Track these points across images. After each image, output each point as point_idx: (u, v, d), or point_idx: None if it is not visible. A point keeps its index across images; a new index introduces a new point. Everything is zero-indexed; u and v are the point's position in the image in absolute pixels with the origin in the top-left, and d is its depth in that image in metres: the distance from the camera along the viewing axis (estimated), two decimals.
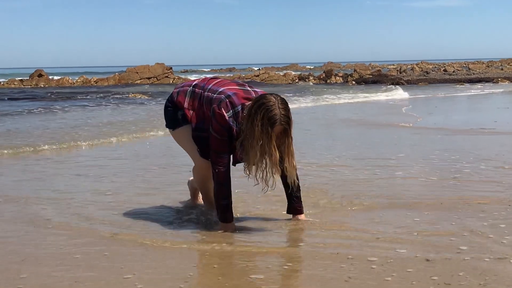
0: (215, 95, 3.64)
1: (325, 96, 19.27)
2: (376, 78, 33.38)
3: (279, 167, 3.48)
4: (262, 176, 3.49)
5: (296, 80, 37.05)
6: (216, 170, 3.59)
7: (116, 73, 36.93)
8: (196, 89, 3.81)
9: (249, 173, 3.54)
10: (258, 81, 35.67)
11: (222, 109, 3.51)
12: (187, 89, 3.86)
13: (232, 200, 3.69)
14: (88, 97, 20.85)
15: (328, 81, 34.63)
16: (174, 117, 3.90)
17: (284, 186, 3.80)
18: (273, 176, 3.52)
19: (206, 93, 3.73)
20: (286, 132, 3.40)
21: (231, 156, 3.70)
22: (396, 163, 5.98)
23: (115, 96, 20.96)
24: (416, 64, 49.55)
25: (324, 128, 10.11)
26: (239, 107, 3.53)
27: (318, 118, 11.97)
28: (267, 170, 3.48)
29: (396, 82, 30.32)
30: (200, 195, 4.41)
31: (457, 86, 26.65)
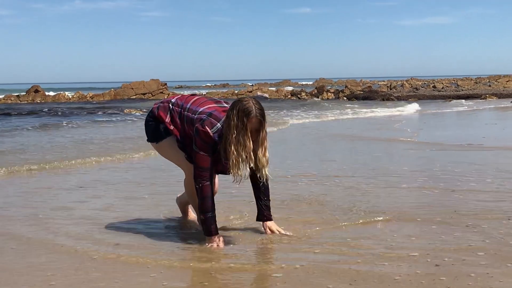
0: (195, 115, 3.70)
1: (330, 111, 19.33)
2: (367, 94, 33.53)
3: (252, 157, 3.57)
4: (238, 169, 3.56)
5: (289, 96, 37.18)
6: (200, 185, 3.64)
7: (112, 89, 36.91)
8: (175, 107, 3.87)
9: (230, 172, 3.60)
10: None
11: (206, 127, 3.57)
12: (167, 106, 3.92)
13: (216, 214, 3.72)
14: (84, 112, 20.82)
15: (320, 97, 34.71)
16: (156, 130, 3.94)
17: (254, 189, 3.89)
18: (247, 168, 3.64)
19: (186, 112, 3.79)
20: (261, 124, 3.52)
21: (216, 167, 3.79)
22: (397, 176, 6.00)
23: (110, 111, 20.94)
24: (406, 81, 49.89)
25: (325, 142, 10.15)
26: (222, 122, 3.59)
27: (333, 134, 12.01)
28: (242, 162, 3.55)
29: (387, 98, 30.51)
30: (190, 211, 4.41)
31: (446, 102, 26.78)
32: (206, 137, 3.56)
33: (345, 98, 32.46)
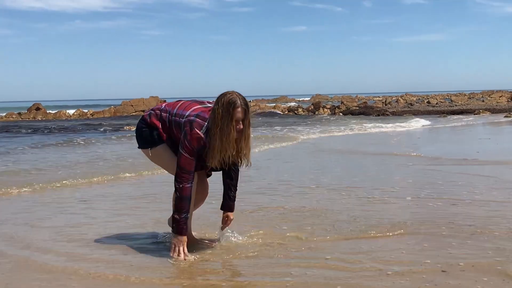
0: (183, 119, 3.76)
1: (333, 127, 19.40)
2: (362, 110, 33.64)
3: (235, 145, 3.67)
4: (220, 158, 3.65)
5: (286, 112, 37.31)
6: (181, 186, 3.69)
7: (112, 106, 37.01)
8: (163, 113, 3.93)
9: (212, 163, 3.68)
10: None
11: (195, 128, 3.65)
12: (158, 113, 3.96)
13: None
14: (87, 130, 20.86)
15: (316, 112, 34.83)
16: (150, 136, 3.95)
17: (226, 180, 3.98)
18: (231, 156, 3.69)
19: (173, 117, 3.86)
20: (245, 114, 3.63)
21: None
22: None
23: (109, 128, 21.01)
24: (401, 96, 50.16)
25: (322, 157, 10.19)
26: (208, 120, 3.68)
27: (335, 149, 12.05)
28: (224, 152, 3.63)
29: (382, 113, 30.63)
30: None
31: (441, 117, 26.89)
32: (195, 140, 3.64)
33: (341, 113, 32.56)
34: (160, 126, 3.90)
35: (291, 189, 6.62)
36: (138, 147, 4.09)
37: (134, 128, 18.48)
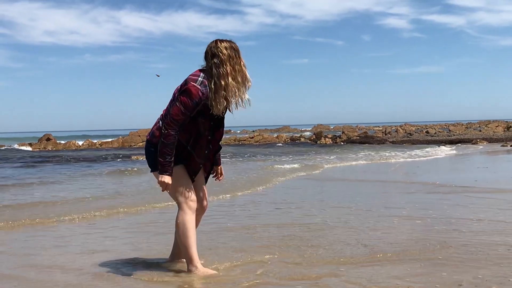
0: (174, 97, 3.80)
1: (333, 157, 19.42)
2: (363, 139, 33.76)
3: (249, 79, 3.83)
4: (243, 94, 3.83)
5: (289, 141, 37.45)
6: (166, 132, 3.70)
7: (120, 137, 37.20)
8: (160, 119, 3.94)
9: (218, 108, 3.74)
10: (253, 143, 36.01)
11: (191, 82, 3.71)
12: (156, 122, 3.95)
13: None
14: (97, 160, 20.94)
15: (318, 142, 34.95)
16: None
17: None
18: (246, 94, 3.86)
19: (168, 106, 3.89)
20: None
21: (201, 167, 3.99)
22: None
23: (120, 159, 21.09)
24: (400, 126, 50.24)
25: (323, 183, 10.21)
26: (201, 76, 3.75)
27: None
28: (242, 88, 3.81)
29: (382, 142, 30.75)
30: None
31: (440, 147, 26.91)
32: (193, 91, 3.67)
33: (342, 143, 32.67)
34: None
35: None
36: (151, 171, 4.01)
37: (141, 158, 18.46)
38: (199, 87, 3.69)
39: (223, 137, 4.61)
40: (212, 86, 3.71)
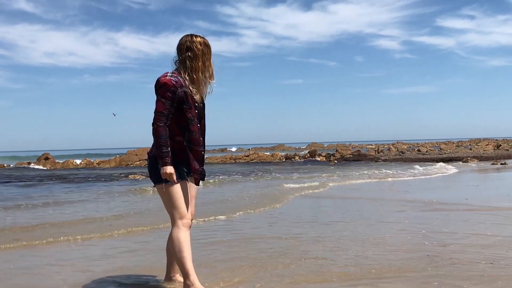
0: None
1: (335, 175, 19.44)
2: (356, 157, 33.93)
3: (213, 75, 4.01)
4: (208, 89, 4.04)
5: (283, 159, 37.50)
6: (155, 126, 3.78)
7: (117, 155, 37.18)
8: None
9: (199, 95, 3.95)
10: (248, 161, 36.03)
11: (161, 77, 3.83)
12: None
13: None
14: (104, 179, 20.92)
15: (312, 159, 35.03)
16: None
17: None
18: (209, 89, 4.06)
19: None
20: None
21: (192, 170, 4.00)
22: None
23: (116, 178, 21.09)
24: (392, 144, 50.54)
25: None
26: (169, 72, 3.88)
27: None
28: (208, 84, 4.02)
29: (375, 161, 30.87)
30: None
31: (433, 165, 27.01)
32: (166, 83, 3.78)
33: (335, 161, 32.78)
34: None
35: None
36: (154, 186, 4.00)
37: (137, 177, 18.38)
38: (170, 78, 3.84)
39: (218, 155, 4.64)
40: (187, 77, 3.89)
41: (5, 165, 36.46)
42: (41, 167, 33.71)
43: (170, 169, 3.78)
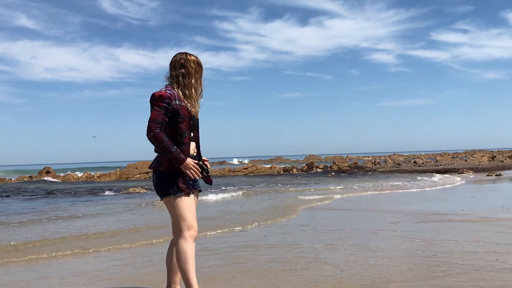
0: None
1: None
2: (353, 169, 33.91)
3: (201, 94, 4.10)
4: (198, 106, 4.06)
5: (281, 172, 37.46)
6: (152, 134, 3.78)
7: (117, 169, 37.11)
8: None
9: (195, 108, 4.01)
10: (247, 173, 36.00)
11: (156, 92, 3.88)
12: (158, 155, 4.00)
13: None
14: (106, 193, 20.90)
15: (310, 172, 35.02)
16: (171, 180, 3.90)
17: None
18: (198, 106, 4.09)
19: None
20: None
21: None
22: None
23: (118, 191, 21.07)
24: (389, 156, 50.59)
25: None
26: (162, 87, 3.96)
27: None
28: (198, 100, 4.07)
29: (372, 173, 30.87)
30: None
31: (427, 177, 27.03)
32: (162, 94, 3.84)
33: (333, 173, 32.79)
34: None
35: None
36: (161, 199, 3.98)
37: (137, 190, 18.45)
38: (165, 91, 3.90)
39: (216, 168, 4.67)
40: (180, 92, 3.95)
41: (6, 179, 36.37)
42: (52, 179, 33.96)
43: (189, 160, 3.86)
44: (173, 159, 3.83)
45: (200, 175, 3.92)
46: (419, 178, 25.09)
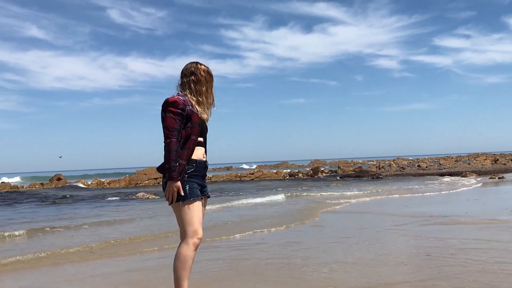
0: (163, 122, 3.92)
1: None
2: (358, 173, 33.83)
3: (213, 103, 4.17)
4: (208, 113, 4.13)
5: (287, 177, 37.43)
6: (168, 141, 3.80)
7: (127, 175, 37.21)
8: None
9: (206, 114, 4.07)
10: (253, 178, 36.01)
11: (168, 98, 3.91)
12: None
13: None
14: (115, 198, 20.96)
15: (315, 176, 34.97)
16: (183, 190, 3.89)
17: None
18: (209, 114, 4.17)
19: None
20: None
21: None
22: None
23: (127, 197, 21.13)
24: (393, 160, 50.42)
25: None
26: (175, 94, 4.02)
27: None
28: (209, 108, 4.15)
29: (376, 177, 30.77)
30: None
31: (431, 182, 26.93)
32: (175, 101, 3.87)
33: (338, 178, 32.73)
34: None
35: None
36: (169, 204, 3.93)
37: (146, 196, 18.50)
38: (178, 97, 3.93)
39: (223, 174, 4.67)
40: (193, 98, 4.00)
41: (18, 186, 36.54)
42: (83, 185, 34.38)
43: (178, 184, 3.81)
44: (168, 170, 3.81)
45: (170, 201, 3.85)
46: (426, 182, 24.99)
